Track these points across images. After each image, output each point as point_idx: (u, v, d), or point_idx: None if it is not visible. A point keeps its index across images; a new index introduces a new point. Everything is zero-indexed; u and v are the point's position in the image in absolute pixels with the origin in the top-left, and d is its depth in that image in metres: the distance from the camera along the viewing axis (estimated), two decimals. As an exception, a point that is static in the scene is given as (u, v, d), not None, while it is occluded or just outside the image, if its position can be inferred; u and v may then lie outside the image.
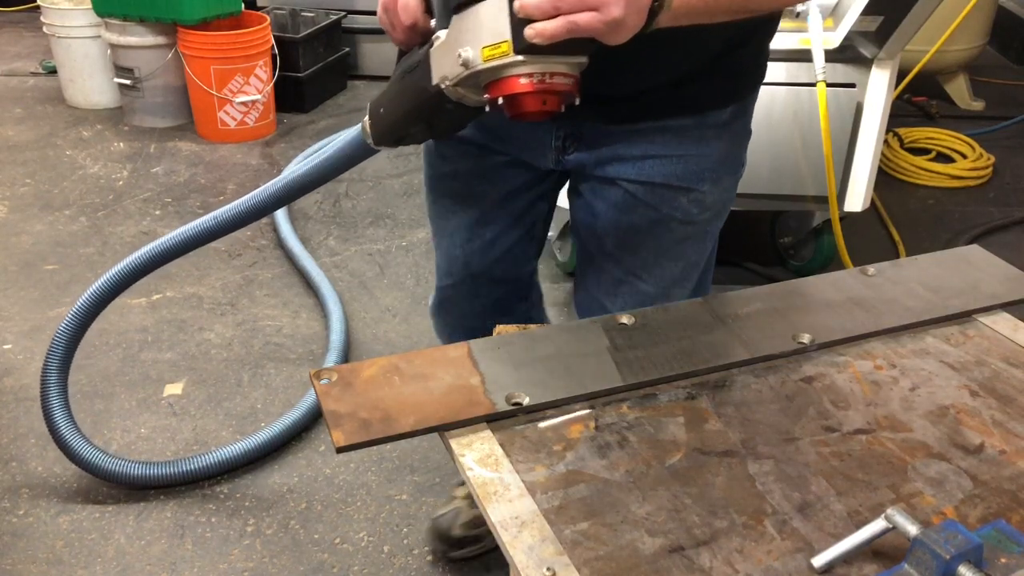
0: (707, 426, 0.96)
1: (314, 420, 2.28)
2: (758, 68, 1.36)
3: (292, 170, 1.49)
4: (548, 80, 0.98)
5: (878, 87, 2.48)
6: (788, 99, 2.50)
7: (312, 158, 1.44)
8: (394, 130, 1.19)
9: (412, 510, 2.04)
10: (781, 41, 2.42)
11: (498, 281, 1.59)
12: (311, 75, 4.16)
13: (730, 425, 0.96)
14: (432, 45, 1.05)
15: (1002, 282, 1.21)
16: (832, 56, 2.41)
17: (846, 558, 0.78)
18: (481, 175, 1.43)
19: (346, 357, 2.52)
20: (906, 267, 1.24)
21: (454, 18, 1.01)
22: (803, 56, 2.43)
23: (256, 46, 3.83)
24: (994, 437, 0.95)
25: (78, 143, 3.88)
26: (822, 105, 2.41)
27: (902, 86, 3.94)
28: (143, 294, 2.79)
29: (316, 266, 2.90)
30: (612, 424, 0.95)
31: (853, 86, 2.49)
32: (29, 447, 2.21)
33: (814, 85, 2.42)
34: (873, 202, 2.77)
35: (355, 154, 1.35)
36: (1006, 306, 1.17)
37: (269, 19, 3.96)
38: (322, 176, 1.45)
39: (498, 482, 0.87)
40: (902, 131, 3.85)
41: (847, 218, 2.71)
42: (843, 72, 2.48)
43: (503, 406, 0.95)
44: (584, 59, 1.00)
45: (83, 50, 4.07)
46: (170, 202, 3.41)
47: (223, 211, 1.60)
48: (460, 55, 0.99)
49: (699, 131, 1.30)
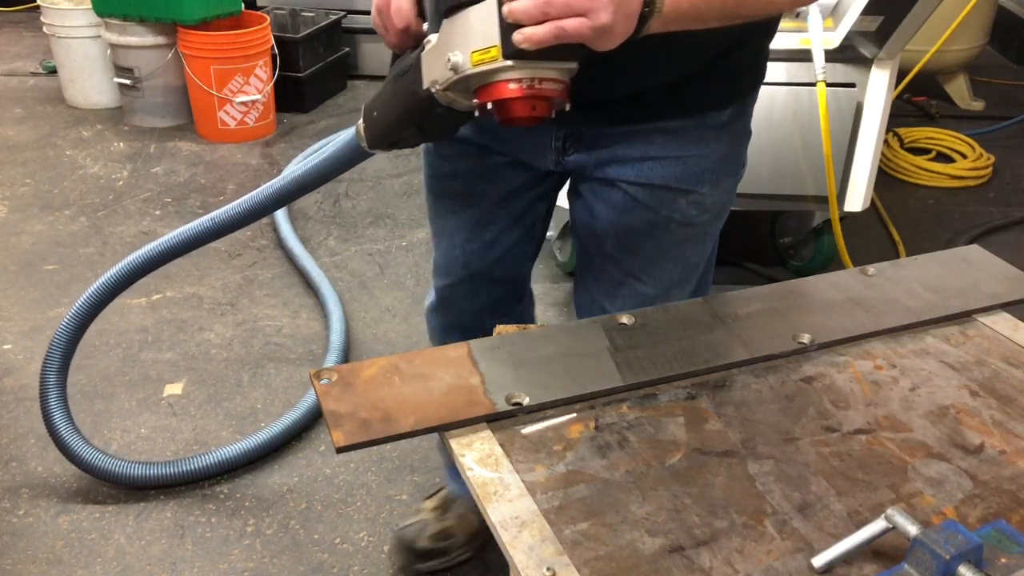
0: (707, 426, 0.96)
1: (314, 420, 2.28)
2: (757, 69, 1.36)
3: (289, 172, 1.49)
4: (537, 86, 0.97)
5: (878, 87, 2.48)
6: (788, 99, 2.50)
7: (309, 160, 1.44)
8: (387, 134, 1.18)
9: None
10: (781, 41, 2.42)
11: (497, 281, 1.59)
12: (311, 75, 4.17)
13: (730, 425, 0.96)
14: (423, 49, 1.05)
15: (1002, 282, 1.21)
16: (832, 56, 2.42)
17: (846, 558, 0.78)
18: (480, 175, 1.43)
19: (346, 357, 2.52)
20: (906, 267, 1.24)
21: (444, 22, 1.00)
22: (803, 56, 2.43)
23: (256, 46, 3.83)
24: (994, 437, 0.95)
25: (78, 143, 3.88)
26: (822, 105, 2.41)
27: (902, 86, 3.95)
28: (143, 294, 2.79)
29: (316, 266, 2.90)
30: (612, 424, 0.95)
31: (853, 86, 2.49)
32: (29, 447, 2.21)
33: (814, 85, 2.42)
34: (873, 202, 2.77)
35: (351, 157, 1.35)
36: (1006, 306, 1.17)
37: (269, 19, 3.96)
38: (318, 178, 1.45)
39: (498, 482, 0.87)
40: (902, 131, 3.85)
41: (847, 218, 2.71)
42: (843, 72, 2.48)
43: (503, 406, 0.95)
44: (574, 65, 0.99)
45: (83, 50, 4.07)
46: (170, 202, 3.41)
47: (220, 213, 1.61)
48: (450, 59, 0.98)
49: (698, 132, 1.30)
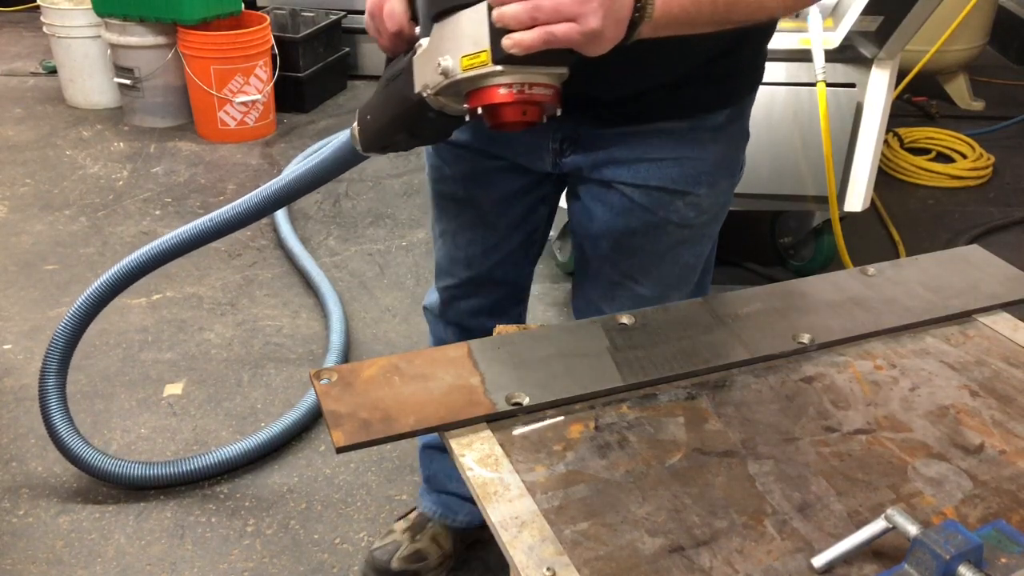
0: (707, 426, 0.96)
1: (314, 420, 2.28)
2: (755, 71, 1.35)
3: (287, 174, 1.49)
4: (528, 91, 0.97)
5: (878, 87, 2.48)
6: (788, 99, 2.50)
7: (306, 162, 1.44)
8: (380, 137, 1.18)
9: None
10: (781, 41, 2.43)
11: (498, 283, 1.59)
12: (311, 75, 4.17)
13: (730, 425, 0.96)
14: (415, 53, 1.04)
15: (1002, 282, 1.21)
16: (832, 56, 2.42)
17: (846, 558, 0.78)
18: (478, 179, 1.43)
19: (346, 357, 2.52)
20: (906, 267, 1.24)
21: (435, 26, 1.00)
22: (803, 56, 2.43)
23: (256, 46, 3.83)
24: (994, 437, 0.95)
25: (78, 143, 3.88)
26: (822, 105, 2.41)
27: (902, 86, 3.95)
28: (143, 294, 2.79)
29: (316, 266, 2.90)
30: (612, 424, 0.95)
31: (853, 86, 2.49)
32: (29, 447, 2.21)
33: (814, 85, 2.42)
34: (873, 202, 2.77)
35: (347, 159, 1.35)
36: (1006, 306, 1.17)
37: (269, 19, 3.96)
38: (315, 180, 1.45)
39: (498, 482, 0.87)
40: (902, 131, 3.85)
41: (847, 218, 2.71)
42: (843, 72, 2.48)
43: (503, 406, 0.95)
44: (564, 70, 0.99)
45: (83, 50, 4.07)
46: (170, 202, 3.41)
47: (218, 214, 1.61)
48: (440, 64, 0.98)
49: (695, 134, 1.30)
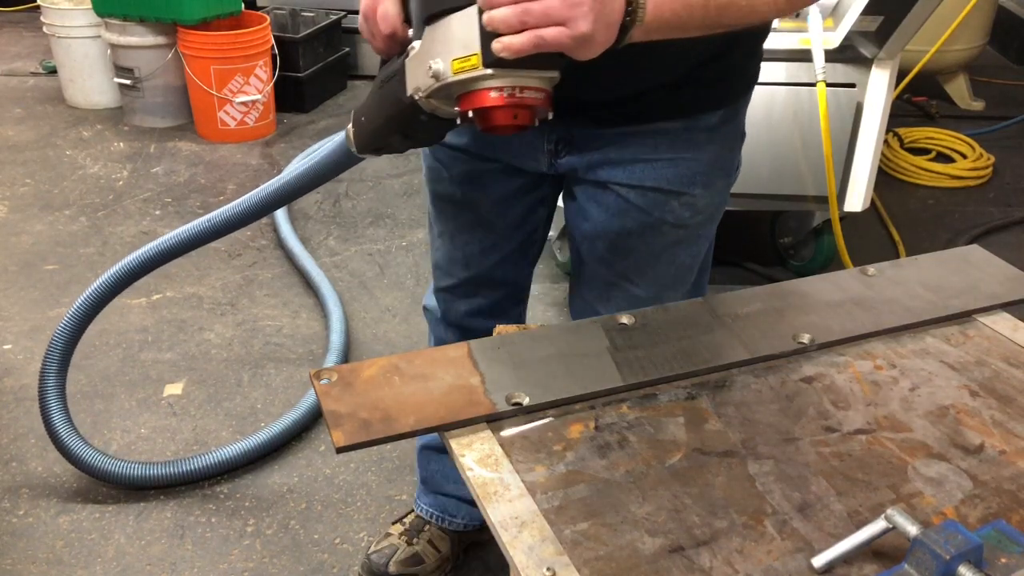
0: (707, 426, 0.96)
1: (314, 420, 2.28)
2: (749, 72, 1.35)
3: (284, 174, 1.49)
4: (519, 94, 0.96)
5: (878, 87, 2.48)
6: (788, 99, 2.50)
7: (303, 163, 1.43)
8: (374, 139, 1.18)
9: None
10: (781, 41, 2.43)
11: (497, 284, 1.59)
12: (311, 75, 4.17)
13: (730, 425, 0.96)
14: (407, 56, 1.04)
15: (1002, 282, 1.21)
16: (832, 56, 2.41)
17: (846, 558, 0.78)
18: (475, 181, 1.43)
19: (346, 357, 2.52)
20: (906, 267, 1.24)
21: (427, 29, 1.00)
22: (803, 56, 2.43)
23: (256, 46, 3.83)
24: (994, 437, 0.95)
25: (78, 143, 3.88)
26: (822, 105, 2.41)
27: (902, 86, 3.94)
28: (143, 294, 2.79)
29: (316, 266, 2.90)
30: (612, 424, 0.95)
31: (853, 86, 2.49)
32: (29, 447, 2.21)
33: (814, 85, 2.42)
34: (873, 202, 2.77)
35: (342, 160, 1.35)
36: (1006, 306, 1.17)
37: (269, 19, 3.96)
38: (311, 182, 1.45)
39: (498, 482, 0.87)
40: (902, 131, 3.85)
41: (847, 218, 2.71)
42: (843, 72, 2.48)
43: (503, 406, 0.95)
44: (555, 74, 0.99)
45: (83, 50, 4.07)
46: (170, 202, 3.41)
47: (216, 214, 1.62)
48: (431, 67, 0.98)
49: (689, 134, 1.30)
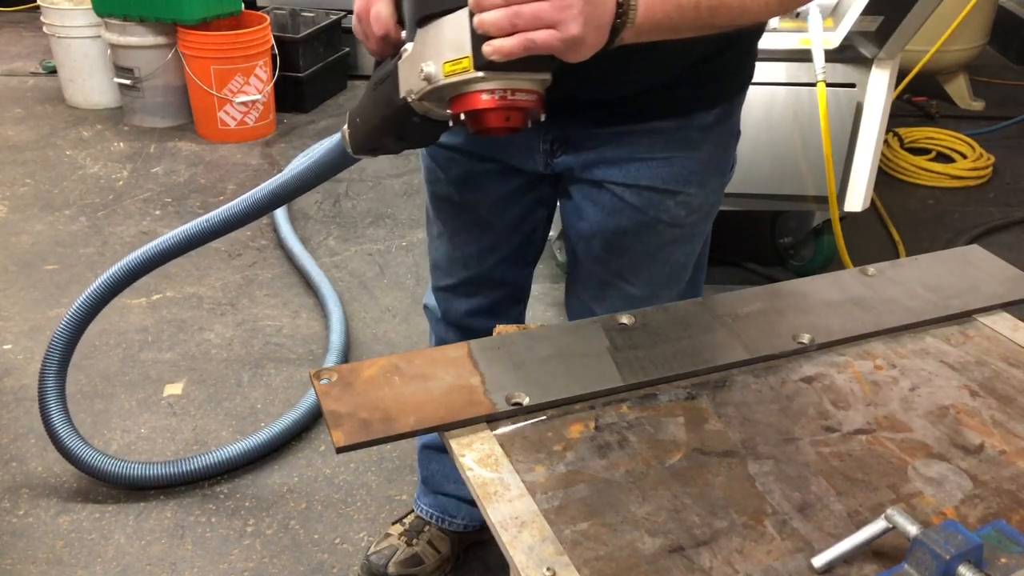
0: (707, 426, 0.96)
1: (314, 420, 2.28)
2: (745, 70, 1.35)
3: (281, 175, 1.49)
4: (510, 97, 0.96)
5: (878, 87, 2.48)
6: (788, 99, 2.50)
7: (298, 164, 1.43)
8: (369, 140, 1.18)
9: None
10: (781, 41, 2.43)
11: (498, 283, 1.59)
12: (311, 75, 4.17)
13: (730, 425, 0.96)
14: (400, 58, 1.04)
15: (1002, 282, 1.21)
16: (832, 56, 2.42)
17: (846, 558, 0.78)
18: (474, 183, 1.43)
19: (346, 357, 2.52)
20: (906, 267, 1.24)
21: (419, 31, 1.00)
22: (803, 56, 2.43)
23: (256, 46, 3.83)
24: (994, 437, 0.95)
25: (78, 143, 3.88)
26: (822, 105, 2.41)
27: (902, 86, 3.94)
28: (143, 294, 2.80)
29: (316, 266, 2.90)
30: (612, 424, 0.95)
31: (853, 86, 2.49)
32: (29, 447, 2.21)
33: (814, 85, 2.42)
34: (873, 202, 2.77)
35: (338, 161, 1.35)
36: (1006, 306, 1.17)
37: (269, 19, 3.96)
38: (308, 182, 1.45)
39: (498, 482, 0.87)
40: (902, 131, 3.85)
41: (847, 218, 2.71)
42: (843, 72, 2.48)
43: (503, 406, 0.95)
44: (547, 76, 0.99)
45: (83, 50, 4.07)
46: (170, 202, 3.41)
47: (214, 215, 1.63)
48: (423, 69, 0.98)
49: (685, 133, 1.30)
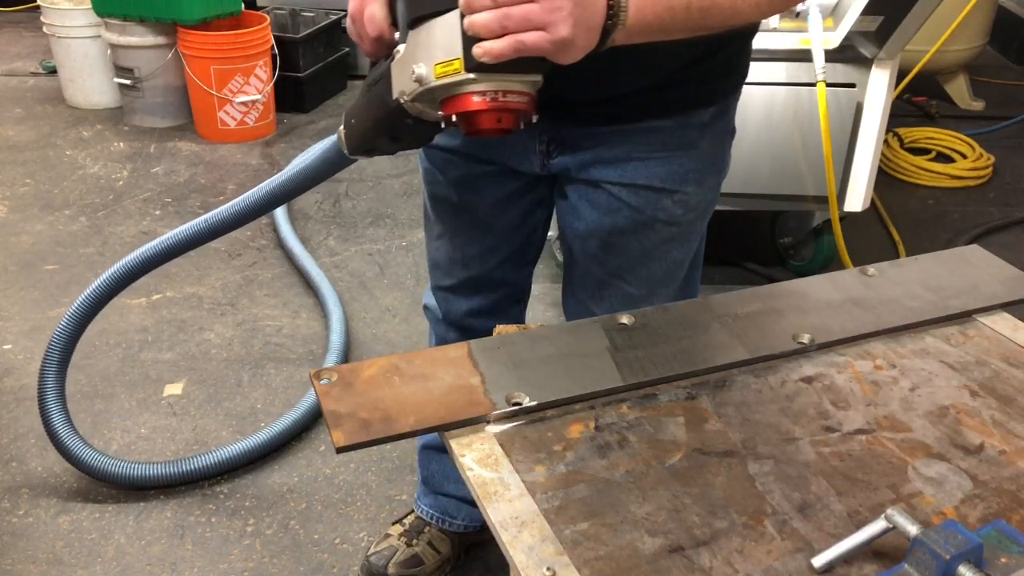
0: (707, 426, 0.96)
1: (314, 420, 2.28)
2: (739, 69, 1.35)
3: (278, 175, 1.49)
4: (502, 98, 0.96)
5: (878, 87, 2.48)
6: (788, 99, 2.50)
7: (297, 163, 1.43)
8: (364, 141, 1.18)
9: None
10: (781, 41, 2.43)
11: (498, 284, 1.59)
12: (311, 75, 4.17)
13: (730, 425, 0.96)
14: (393, 59, 1.04)
15: (1002, 282, 1.21)
16: (832, 56, 2.42)
17: (846, 558, 0.78)
18: (472, 185, 1.43)
19: (346, 357, 2.52)
20: (906, 267, 1.24)
21: (410, 33, 1.00)
22: (803, 56, 2.43)
23: (256, 46, 3.83)
24: (994, 437, 0.95)
25: (78, 143, 3.88)
26: (822, 105, 2.41)
27: (902, 86, 3.94)
28: (143, 294, 2.80)
29: (316, 266, 2.90)
30: (612, 424, 0.95)
31: (853, 86, 2.49)
32: (29, 447, 2.21)
33: (814, 85, 2.42)
34: (873, 202, 2.78)
35: (335, 161, 1.35)
36: (1006, 306, 1.17)
37: (269, 19, 3.96)
38: (307, 182, 1.44)
39: (498, 482, 0.87)
40: (902, 131, 3.85)
41: (847, 218, 2.71)
42: (843, 72, 2.48)
43: (503, 406, 0.95)
44: (538, 77, 0.99)
45: (83, 50, 4.07)
46: (170, 202, 3.41)
47: (213, 215, 1.62)
48: (414, 71, 0.98)
49: (681, 132, 1.30)
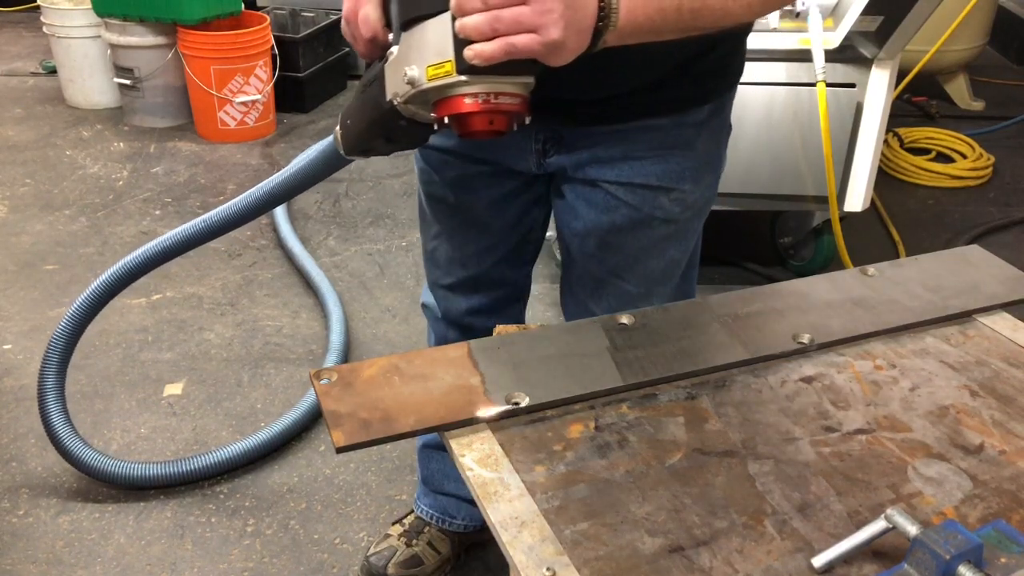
0: (707, 426, 0.96)
1: (314, 420, 2.28)
2: (735, 66, 1.35)
3: (277, 175, 1.49)
4: (494, 100, 0.96)
5: (878, 87, 2.48)
6: (788, 99, 2.50)
7: (295, 163, 1.43)
8: (359, 142, 1.19)
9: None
10: (781, 41, 2.43)
11: (496, 282, 1.59)
12: (311, 75, 4.17)
13: (730, 425, 0.96)
14: (386, 60, 1.05)
15: (1002, 282, 1.21)
16: (832, 56, 2.41)
17: (846, 558, 0.78)
18: (468, 185, 1.43)
19: (346, 357, 2.52)
20: (906, 267, 1.24)
21: (403, 35, 1.00)
22: (803, 56, 2.43)
23: (256, 46, 3.83)
24: (994, 437, 0.95)
25: (78, 143, 3.88)
26: (822, 105, 2.41)
27: (902, 86, 3.94)
28: (143, 294, 2.80)
29: (316, 266, 2.90)
30: (612, 424, 0.95)
31: (853, 86, 2.49)
32: (29, 447, 2.21)
33: (814, 85, 2.42)
34: (873, 202, 2.77)
35: (331, 161, 1.35)
36: (1006, 306, 1.17)
37: (269, 19, 3.96)
38: (305, 181, 1.45)
39: (498, 482, 0.87)
40: (902, 131, 3.85)
41: (847, 218, 2.71)
42: (843, 72, 2.48)
43: (503, 406, 0.95)
44: (530, 79, 0.99)
45: (83, 50, 4.07)
46: (170, 202, 3.41)
47: (212, 215, 1.63)
48: (406, 73, 0.98)
49: (677, 130, 1.30)
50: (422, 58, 0.97)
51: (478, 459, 0.90)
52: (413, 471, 2.14)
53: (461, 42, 0.93)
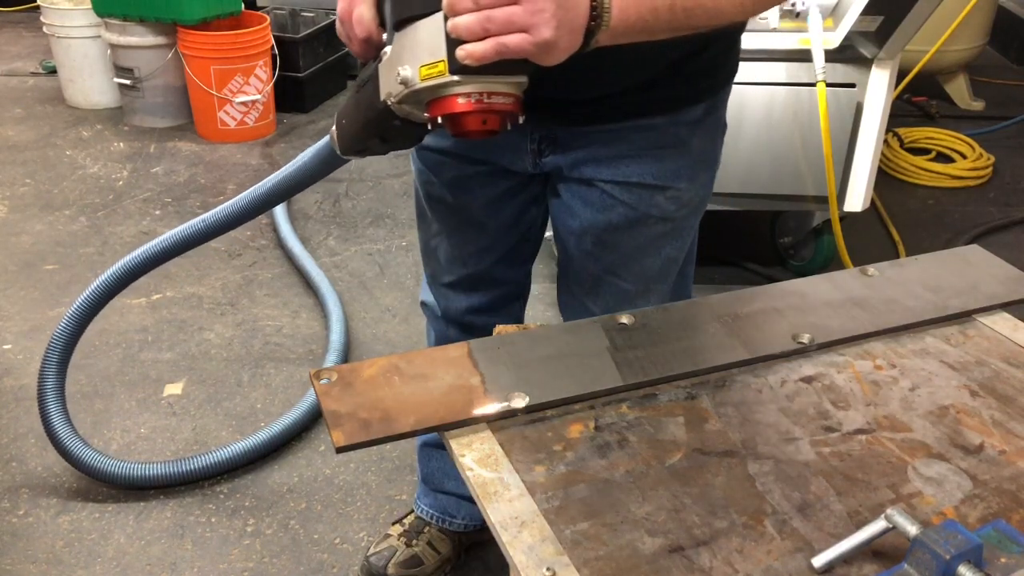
0: (707, 426, 0.96)
1: (314, 420, 2.28)
2: (729, 65, 1.35)
3: (275, 175, 1.49)
4: (487, 100, 0.96)
5: (878, 87, 2.48)
6: (788, 99, 2.50)
7: (293, 163, 1.43)
8: (355, 142, 1.19)
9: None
10: (781, 41, 2.43)
11: (496, 281, 1.59)
12: (311, 75, 4.17)
13: (730, 425, 0.96)
14: (380, 60, 1.05)
15: (1002, 282, 1.21)
16: (832, 56, 2.41)
17: (846, 558, 0.78)
18: (465, 185, 1.43)
19: (346, 357, 2.52)
20: (906, 267, 1.24)
21: (396, 35, 1.00)
22: (803, 56, 2.43)
23: (256, 46, 3.83)
24: (994, 437, 0.95)
25: (78, 143, 3.88)
26: (822, 105, 2.41)
27: (902, 86, 3.94)
28: (143, 294, 2.80)
29: (316, 266, 2.90)
30: (612, 424, 0.95)
31: (853, 86, 2.49)
32: (29, 447, 2.21)
33: (814, 85, 2.42)
34: (873, 202, 2.77)
35: (328, 161, 1.35)
36: (1006, 306, 1.17)
37: (269, 19, 3.96)
38: (302, 181, 1.44)
39: (498, 482, 0.87)
40: (902, 131, 3.85)
41: (847, 218, 2.71)
42: (843, 72, 2.48)
43: (503, 406, 0.95)
44: (523, 79, 0.99)
45: (83, 50, 4.07)
46: (170, 202, 3.41)
47: (211, 214, 1.63)
48: (399, 73, 0.98)
49: (673, 129, 1.30)
50: (415, 58, 0.97)
51: (478, 459, 0.90)
52: (413, 471, 2.14)
53: (453, 42, 0.93)
